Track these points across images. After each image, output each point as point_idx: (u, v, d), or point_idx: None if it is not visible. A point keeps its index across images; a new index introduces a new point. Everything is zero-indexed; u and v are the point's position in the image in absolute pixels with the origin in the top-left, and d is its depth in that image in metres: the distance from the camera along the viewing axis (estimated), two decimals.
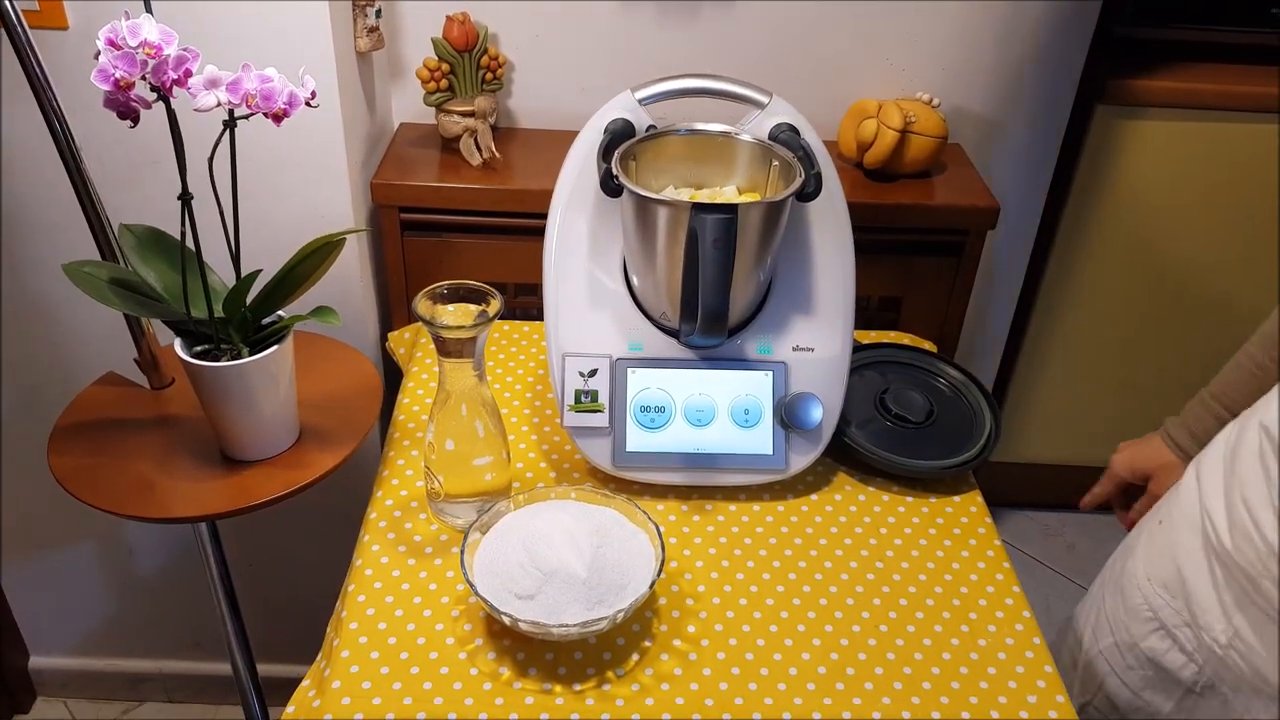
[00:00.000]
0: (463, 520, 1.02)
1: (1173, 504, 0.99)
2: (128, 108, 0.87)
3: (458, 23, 1.41)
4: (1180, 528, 0.95)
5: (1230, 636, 0.88)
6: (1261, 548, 0.84)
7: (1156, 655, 0.96)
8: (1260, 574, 0.84)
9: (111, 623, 1.80)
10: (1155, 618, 0.96)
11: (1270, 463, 0.85)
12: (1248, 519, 0.86)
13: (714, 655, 0.92)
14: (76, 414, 1.13)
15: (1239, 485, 0.88)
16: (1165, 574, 0.96)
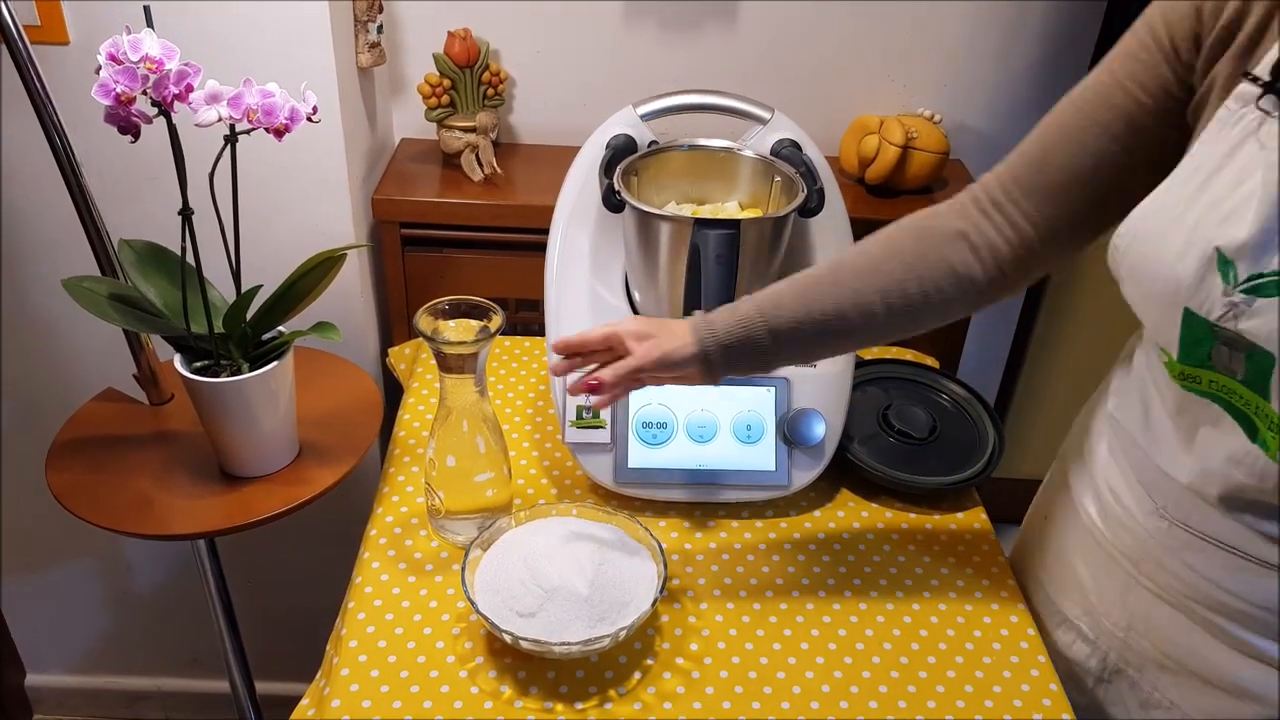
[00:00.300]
0: (464, 537, 1.02)
1: (1050, 499, 1.02)
2: (129, 123, 0.86)
3: (459, 38, 1.41)
4: (1062, 521, 0.99)
5: (1128, 620, 0.90)
6: (1137, 533, 0.87)
7: (1064, 648, 0.98)
8: (1141, 557, 0.87)
9: (109, 640, 1.79)
10: (1058, 610, 0.98)
11: (1123, 454, 0.89)
12: (1118, 508, 0.89)
13: (717, 673, 0.91)
14: (75, 430, 1.13)
15: (1102, 475, 0.92)
16: (1057, 568, 0.99)
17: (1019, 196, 0.84)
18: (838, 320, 0.85)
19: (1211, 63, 0.74)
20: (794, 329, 0.85)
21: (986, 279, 0.85)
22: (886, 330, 0.87)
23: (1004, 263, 0.85)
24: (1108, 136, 0.80)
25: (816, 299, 0.85)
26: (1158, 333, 0.80)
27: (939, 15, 1.49)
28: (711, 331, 0.86)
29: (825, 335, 0.86)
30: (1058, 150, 0.82)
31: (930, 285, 0.85)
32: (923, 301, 0.85)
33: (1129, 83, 0.79)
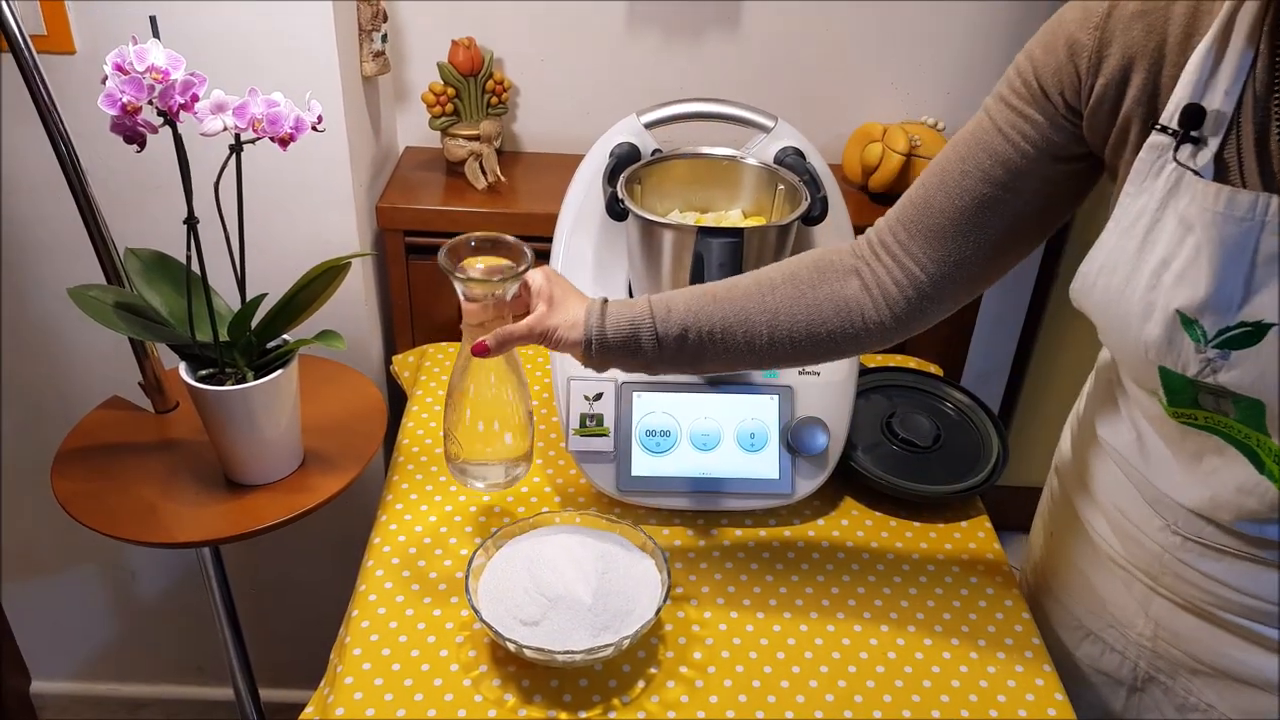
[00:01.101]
0: (483, 484, 0.98)
1: (1053, 516, 1.02)
2: (134, 132, 0.87)
3: (463, 47, 1.41)
4: (1068, 538, 0.98)
5: (1154, 629, 0.90)
6: (1152, 549, 0.87)
7: (1093, 661, 0.97)
8: (1159, 572, 0.87)
9: (113, 647, 1.79)
10: (1081, 625, 0.98)
11: (1126, 476, 0.88)
12: (1128, 525, 0.89)
13: (720, 682, 0.91)
14: (80, 438, 1.13)
15: (1107, 495, 0.91)
16: (1073, 583, 0.98)
17: (905, 240, 0.84)
18: (723, 336, 0.85)
19: (1113, 109, 0.73)
20: (680, 338, 0.85)
21: (878, 318, 0.85)
22: (769, 355, 0.87)
23: (895, 304, 0.85)
24: (987, 182, 0.79)
25: (706, 313, 0.85)
26: (1140, 380, 0.79)
27: (942, 23, 1.50)
28: (601, 327, 0.85)
29: (707, 350, 0.86)
30: (939, 194, 0.81)
31: (818, 316, 0.85)
32: (807, 332, 0.85)
33: (1006, 128, 0.78)
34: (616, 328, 0.85)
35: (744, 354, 0.86)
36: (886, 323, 0.85)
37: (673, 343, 0.85)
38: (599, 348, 0.86)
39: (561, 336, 0.86)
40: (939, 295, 0.84)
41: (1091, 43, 0.72)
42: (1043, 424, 2.06)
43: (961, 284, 0.84)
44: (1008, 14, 1.50)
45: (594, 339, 0.85)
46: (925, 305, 0.85)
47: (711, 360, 0.87)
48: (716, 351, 0.86)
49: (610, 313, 0.86)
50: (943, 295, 0.84)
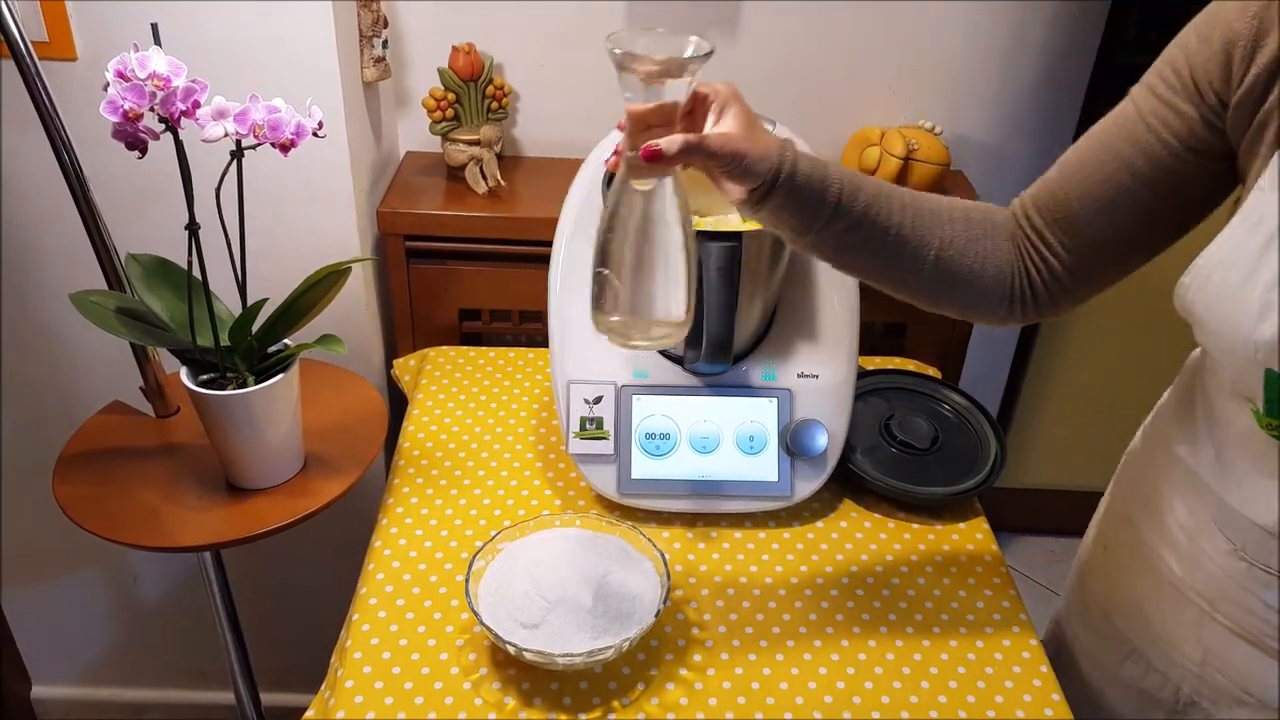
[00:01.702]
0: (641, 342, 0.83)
1: (1108, 531, 0.99)
2: (136, 139, 0.87)
3: (463, 53, 1.42)
4: (1123, 554, 0.95)
5: (1203, 654, 0.88)
6: (1214, 573, 0.84)
7: (1135, 680, 0.95)
8: (1218, 596, 0.84)
9: (114, 651, 1.79)
10: (1125, 643, 0.95)
11: (1195, 495, 0.85)
12: (1189, 547, 0.86)
13: (720, 684, 0.91)
14: (82, 442, 1.13)
15: (1172, 515, 0.88)
16: (1123, 601, 0.96)
17: (1039, 224, 0.82)
18: (893, 240, 0.80)
19: (1256, 105, 0.70)
20: (858, 216, 0.78)
21: (1019, 291, 0.83)
22: (917, 278, 0.82)
23: (1033, 282, 0.83)
24: (1127, 171, 0.76)
25: (887, 209, 0.79)
26: (1239, 385, 0.76)
27: (940, 27, 1.50)
28: (794, 167, 0.76)
29: (870, 243, 0.80)
30: (1075, 181, 0.79)
31: (977, 266, 0.82)
32: (966, 276, 0.82)
33: (1151, 119, 0.75)
34: (808, 175, 0.76)
35: (896, 267, 0.82)
36: (1024, 298, 0.84)
37: (849, 217, 0.78)
38: (782, 186, 0.76)
39: (750, 166, 0.75)
40: (1072, 282, 0.82)
41: (1248, 31, 0.70)
42: (1041, 426, 2.07)
43: (1092, 275, 0.82)
44: (1006, 20, 1.51)
45: (783, 176, 0.76)
46: (1057, 291, 0.83)
47: (867, 254, 0.81)
48: (876, 249, 0.80)
49: (803, 158, 0.77)
50: (1076, 283, 0.83)
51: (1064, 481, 2.17)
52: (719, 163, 0.75)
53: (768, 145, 0.76)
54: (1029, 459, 2.12)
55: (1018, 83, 1.56)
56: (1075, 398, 2.03)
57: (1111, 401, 2.03)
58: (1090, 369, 1.99)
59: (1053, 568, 2.22)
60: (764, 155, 0.75)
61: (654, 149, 0.73)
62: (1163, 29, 1.72)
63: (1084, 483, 2.18)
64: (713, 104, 0.77)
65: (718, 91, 0.78)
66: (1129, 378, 1.99)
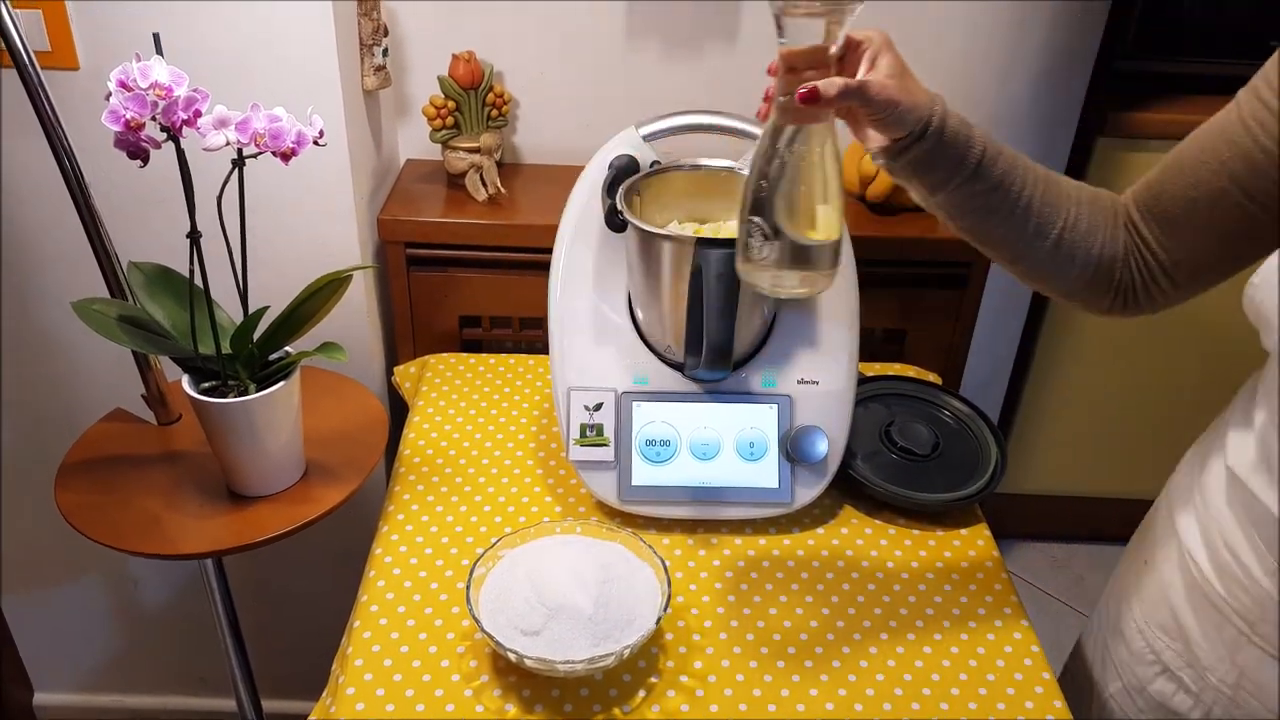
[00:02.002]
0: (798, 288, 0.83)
1: (1154, 545, 0.97)
2: (138, 148, 0.88)
3: (463, 61, 1.42)
4: (1166, 570, 0.94)
5: (1236, 677, 0.86)
6: (1256, 593, 0.82)
7: (1164, 698, 0.94)
8: (1259, 618, 0.83)
9: (116, 659, 1.80)
10: (1158, 660, 0.94)
11: (1253, 509, 0.83)
12: (1235, 566, 0.84)
13: (721, 691, 0.91)
14: (84, 450, 1.14)
15: (1218, 531, 0.86)
16: (1161, 617, 0.94)
17: (1139, 221, 0.82)
18: (1023, 209, 0.81)
19: None
20: (996, 180, 0.80)
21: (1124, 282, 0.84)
22: (1036, 253, 0.83)
23: (1135, 276, 0.84)
24: (1225, 175, 0.75)
25: (1023, 180, 0.81)
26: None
27: (938, 32, 1.51)
28: (943, 122, 0.78)
29: (1003, 209, 0.81)
30: (1173, 180, 0.79)
31: (1094, 248, 0.83)
32: (1082, 257, 0.83)
33: (1252, 123, 0.73)
34: (955, 132, 0.78)
35: (1019, 238, 0.82)
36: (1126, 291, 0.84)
37: (985, 180, 0.80)
38: (929, 139, 0.77)
39: (902, 115, 0.76)
40: (1169, 282, 0.82)
41: None
42: (1042, 432, 2.07)
43: (1191, 276, 0.81)
44: (1005, 28, 1.51)
45: (931, 129, 0.77)
46: (1155, 290, 0.83)
47: (995, 221, 0.82)
48: (1005, 217, 0.81)
49: (952, 115, 0.79)
50: (1174, 283, 0.82)
51: (1065, 488, 2.17)
52: (873, 109, 0.75)
53: (920, 97, 0.77)
54: (1030, 465, 2.12)
55: (1017, 87, 1.57)
56: (1076, 404, 2.03)
57: (1113, 407, 2.03)
58: (1091, 375, 1.99)
59: (1054, 574, 2.22)
60: (915, 106, 0.76)
61: (812, 90, 0.73)
62: (1162, 33, 1.73)
63: (1085, 489, 2.18)
64: (865, 51, 0.77)
65: (871, 39, 0.78)
66: (1130, 384, 1.99)
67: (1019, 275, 0.87)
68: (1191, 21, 1.69)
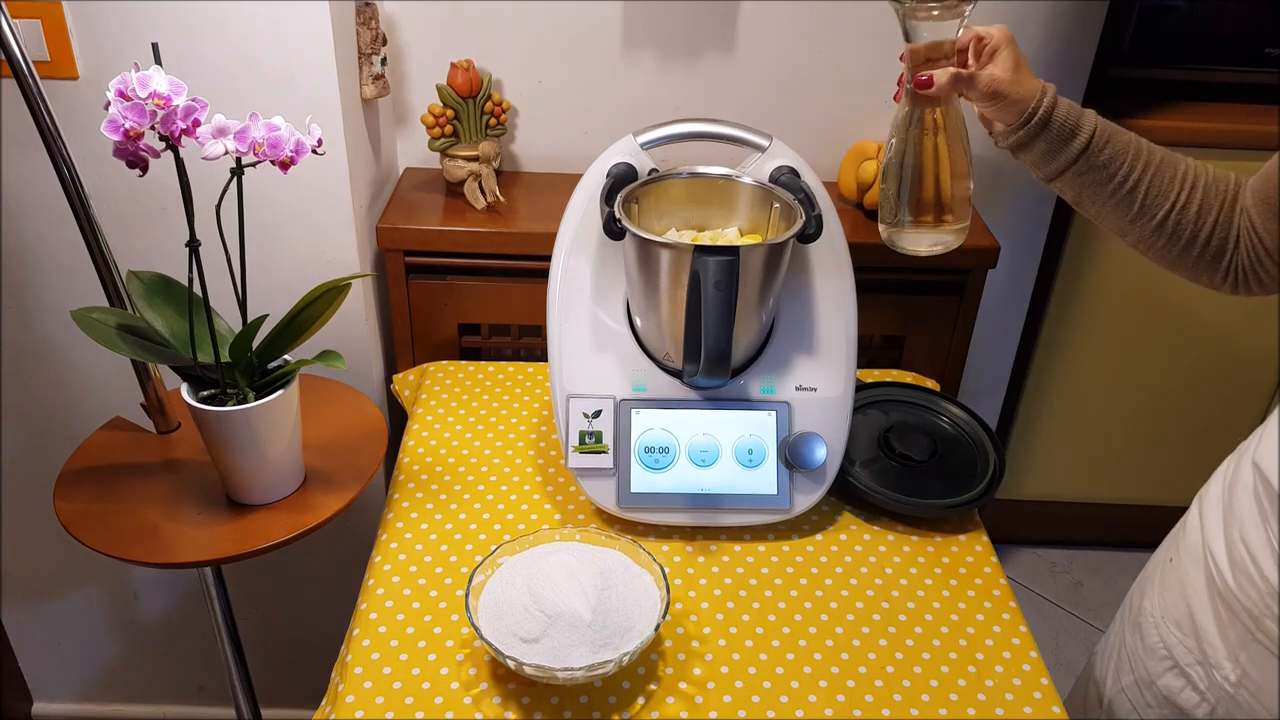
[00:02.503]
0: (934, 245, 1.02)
1: (1180, 542, 0.98)
2: (137, 157, 0.88)
3: (462, 70, 1.43)
4: (1188, 565, 0.95)
5: (1239, 675, 0.87)
6: (1262, 586, 0.84)
7: (1172, 694, 0.95)
8: (1263, 613, 0.84)
9: (116, 668, 1.79)
10: (1170, 656, 0.95)
11: (1265, 502, 0.84)
12: (1247, 558, 0.85)
13: (720, 698, 0.91)
14: (83, 459, 1.14)
15: (1237, 524, 0.88)
16: (1177, 612, 0.95)
17: (1249, 204, 0.86)
18: (1129, 192, 0.89)
19: None
20: (1104, 164, 0.89)
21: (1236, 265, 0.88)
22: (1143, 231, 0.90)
23: (1243, 261, 0.88)
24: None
25: (1135, 163, 0.89)
26: None
27: None
28: (1052, 107, 0.89)
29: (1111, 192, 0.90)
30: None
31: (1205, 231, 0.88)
32: (1189, 237, 0.89)
33: None
34: (1061, 121, 0.89)
35: (1125, 217, 0.90)
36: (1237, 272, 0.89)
37: (1094, 164, 0.89)
38: (1035, 126, 0.90)
39: (1008, 105, 0.89)
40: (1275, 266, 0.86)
41: None
42: (1040, 438, 2.07)
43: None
44: None
45: (1036, 118, 0.89)
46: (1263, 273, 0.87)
47: (1101, 201, 0.91)
48: (1111, 196, 0.90)
49: (1061, 105, 0.90)
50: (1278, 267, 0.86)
51: (1064, 493, 2.17)
52: (980, 97, 0.89)
53: (1029, 88, 0.89)
54: (1029, 471, 2.12)
55: None
56: (1075, 410, 2.03)
57: (1111, 414, 2.03)
58: (1089, 381, 1.99)
59: (1053, 579, 2.22)
60: (1022, 97, 0.89)
61: (928, 79, 0.89)
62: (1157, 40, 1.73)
63: (1084, 494, 2.18)
64: (986, 45, 0.91)
65: (991, 35, 0.91)
66: (1128, 390, 1.99)
67: (1134, 248, 0.94)
68: (1187, 29, 1.69)
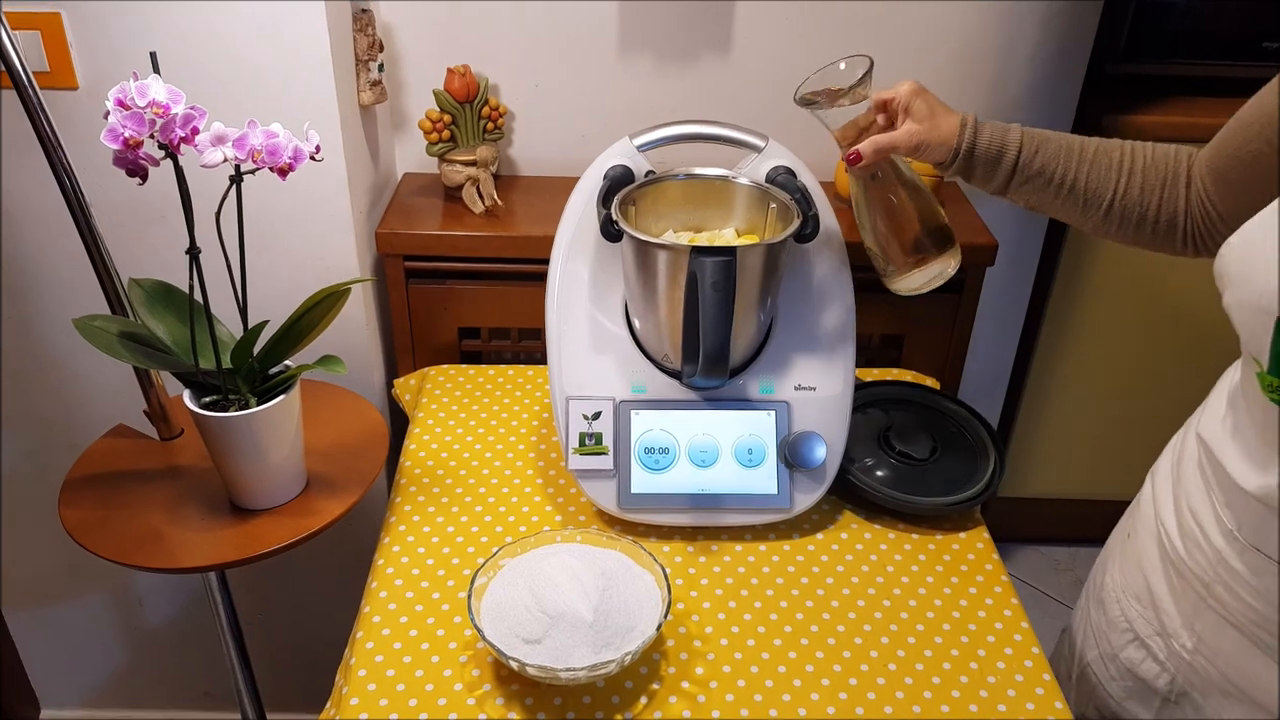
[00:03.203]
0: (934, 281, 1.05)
1: (1135, 516, 1.01)
2: (136, 166, 0.88)
3: (459, 75, 1.43)
4: (1143, 538, 0.98)
5: (1195, 643, 0.90)
6: (1210, 554, 0.86)
7: (1134, 665, 0.97)
8: (1212, 580, 0.86)
9: (122, 674, 1.80)
10: (1130, 629, 0.98)
11: (1209, 471, 0.87)
12: (1195, 527, 0.88)
13: (722, 697, 0.92)
14: (87, 466, 1.14)
15: (1184, 495, 0.91)
16: (1136, 585, 0.98)
17: (1200, 174, 0.88)
18: (1070, 191, 0.94)
19: None
20: (1035, 176, 0.94)
21: (1190, 235, 0.92)
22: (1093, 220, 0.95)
23: (1198, 230, 0.90)
24: (1262, 139, 0.81)
25: (1066, 166, 0.93)
26: (1250, 342, 0.78)
27: (930, 43, 1.52)
28: (973, 142, 0.94)
29: (1051, 194, 0.94)
30: (1229, 140, 0.85)
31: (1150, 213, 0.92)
32: (1137, 220, 0.93)
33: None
34: (985, 148, 0.94)
35: (1074, 212, 0.95)
36: (1194, 238, 0.92)
37: (1029, 174, 0.94)
38: (961, 160, 0.95)
39: (932, 151, 0.95)
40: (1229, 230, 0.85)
41: None
42: (1041, 436, 2.07)
43: None
44: (996, 37, 1.52)
45: (961, 154, 0.95)
46: (1220, 235, 0.88)
47: (1048, 202, 0.96)
48: (1054, 198, 0.95)
49: (983, 134, 0.95)
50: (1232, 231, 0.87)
51: (1066, 491, 2.17)
52: (906, 151, 0.95)
53: (948, 128, 0.95)
54: (1031, 468, 2.12)
55: (1010, 96, 1.57)
56: (1076, 406, 2.03)
57: (1113, 410, 2.04)
58: (1089, 378, 1.99)
59: (1055, 576, 2.22)
60: (944, 139, 0.95)
61: (855, 154, 0.96)
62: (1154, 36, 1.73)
63: (1086, 492, 2.18)
64: (897, 103, 0.97)
65: (899, 93, 0.97)
66: (1129, 386, 2.00)
67: (1091, 234, 0.98)
68: (1184, 24, 1.69)
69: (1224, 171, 0.86)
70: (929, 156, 0.96)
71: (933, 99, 0.97)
